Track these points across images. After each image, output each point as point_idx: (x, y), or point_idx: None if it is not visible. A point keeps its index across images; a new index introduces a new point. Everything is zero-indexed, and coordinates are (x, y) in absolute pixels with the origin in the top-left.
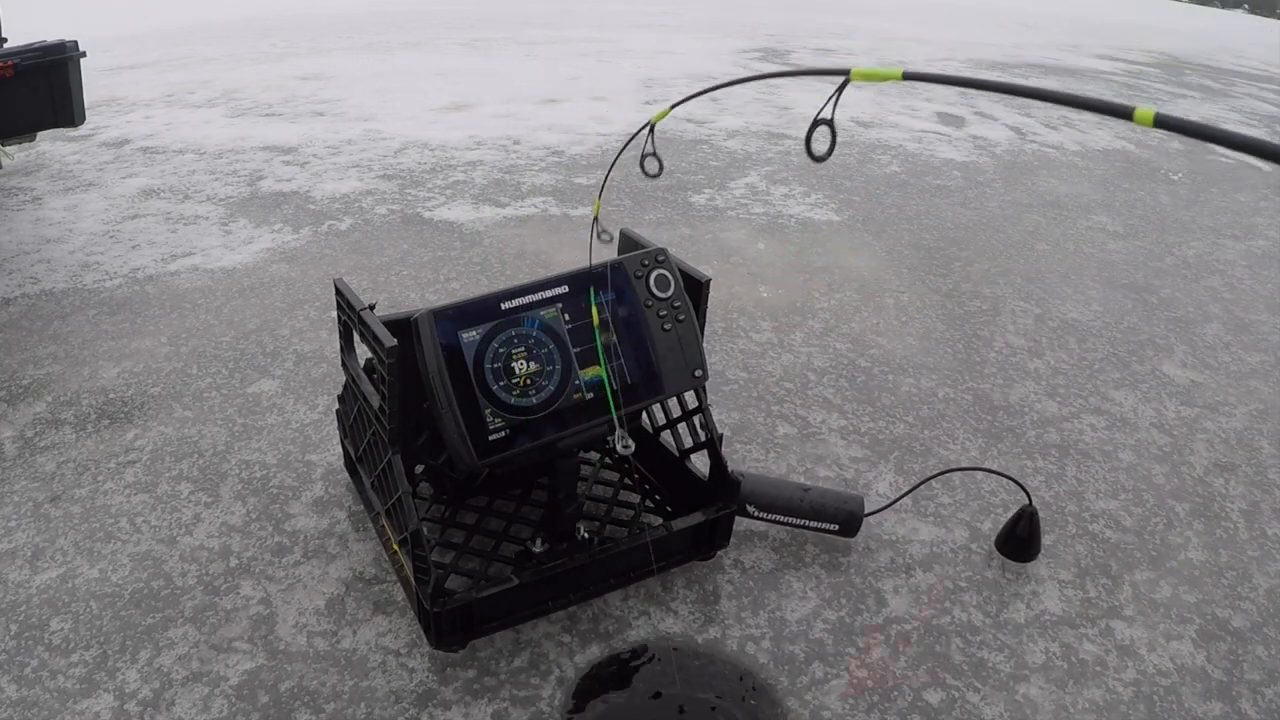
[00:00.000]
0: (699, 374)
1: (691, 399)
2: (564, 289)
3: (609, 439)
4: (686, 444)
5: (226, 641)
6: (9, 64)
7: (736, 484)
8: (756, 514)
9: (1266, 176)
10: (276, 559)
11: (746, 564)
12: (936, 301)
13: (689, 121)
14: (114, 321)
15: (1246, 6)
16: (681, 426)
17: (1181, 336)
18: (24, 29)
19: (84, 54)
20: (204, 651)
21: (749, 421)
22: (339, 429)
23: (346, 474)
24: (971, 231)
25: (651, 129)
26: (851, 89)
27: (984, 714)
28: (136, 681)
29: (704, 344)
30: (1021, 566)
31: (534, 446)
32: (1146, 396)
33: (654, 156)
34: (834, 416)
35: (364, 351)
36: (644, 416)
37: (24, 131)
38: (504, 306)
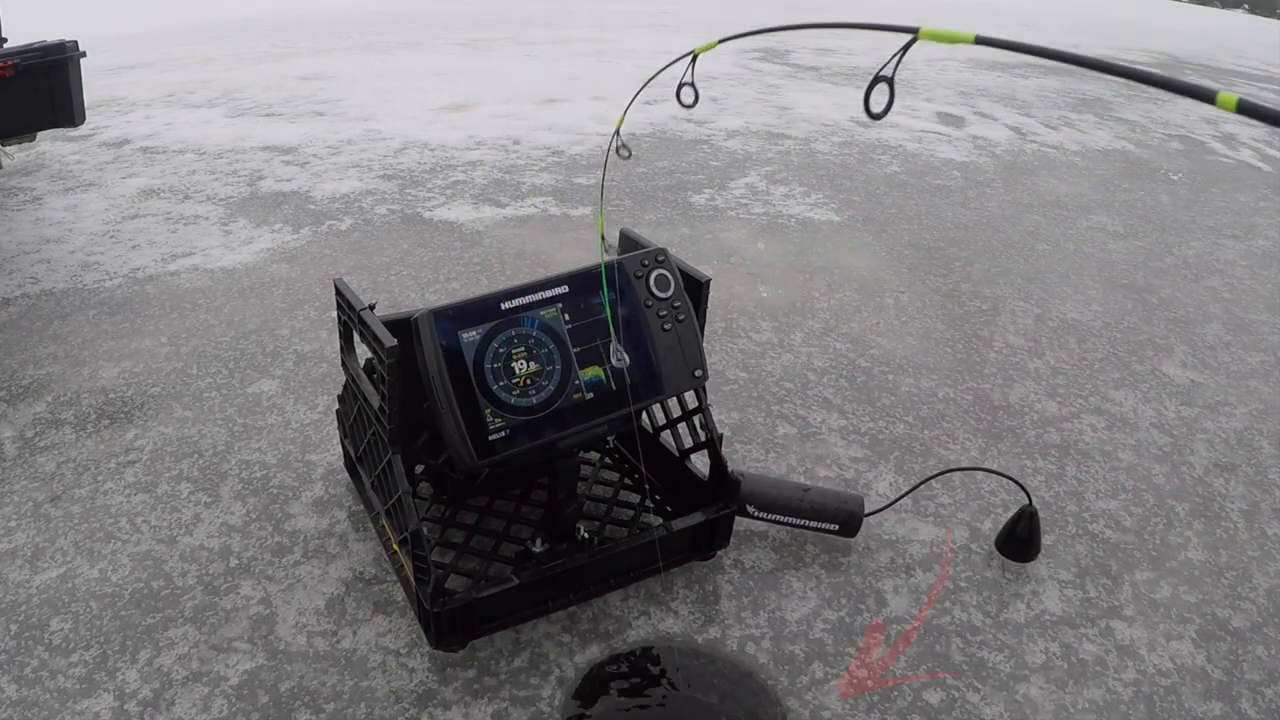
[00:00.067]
0: (699, 374)
1: (691, 399)
2: (564, 289)
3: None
4: (686, 444)
5: (226, 641)
6: (9, 64)
7: (736, 484)
8: (756, 514)
9: (1266, 176)
10: (276, 559)
11: (746, 564)
12: (936, 301)
13: (689, 121)
14: (114, 321)
15: (1246, 6)
16: (681, 426)
17: (1181, 336)
18: (24, 29)
19: (84, 54)
20: (204, 651)
21: (749, 421)
22: (339, 429)
23: (346, 474)
24: (971, 231)
25: (694, 59)
26: (852, 89)
27: (984, 714)
28: (136, 681)
29: (704, 344)
30: (1021, 566)
31: (534, 446)
32: (1146, 396)
33: (692, 86)
34: (834, 416)
35: (364, 351)
36: (644, 416)
37: (24, 131)
38: (504, 306)
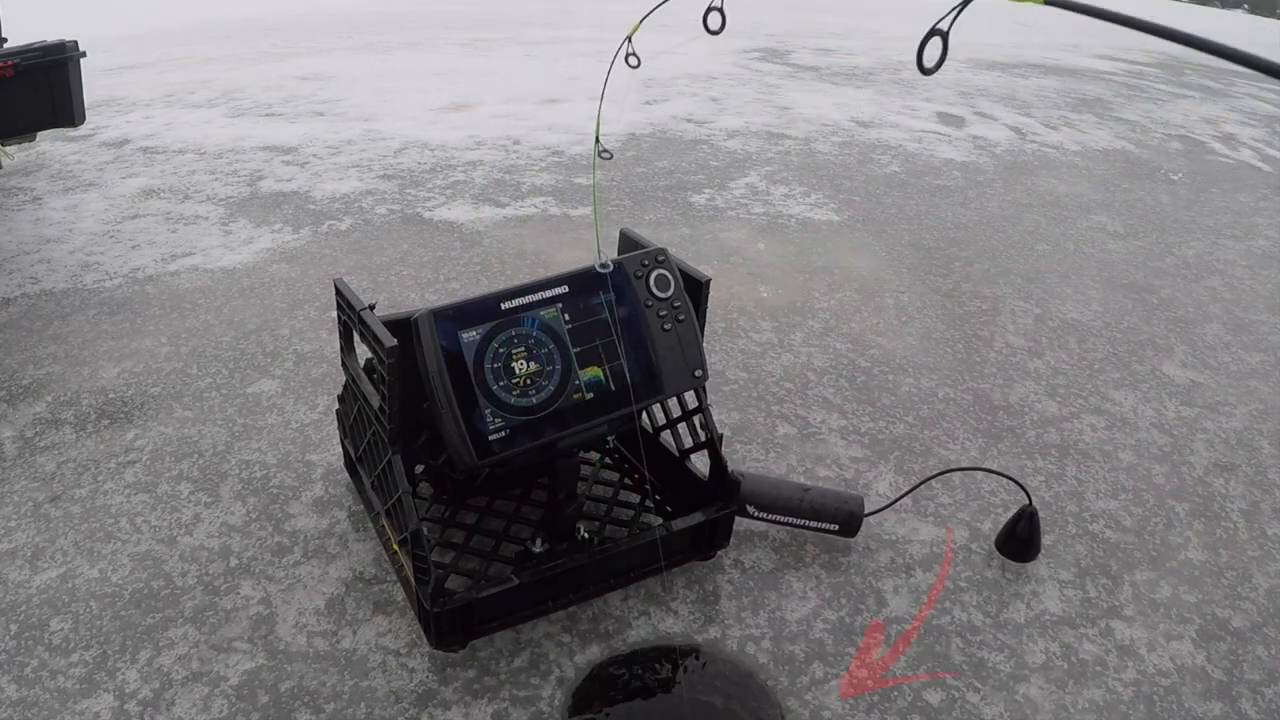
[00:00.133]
0: (699, 374)
1: (691, 399)
2: (564, 289)
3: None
4: (686, 444)
5: (226, 641)
6: (9, 64)
7: (736, 484)
8: (756, 514)
9: (1266, 176)
10: (276, 559)
11: (746, 564)
12: (936, 301)
13: (689, 121)
14: (114, 321)
15: (1246, 6)
16: (681, 426)
17: (1181, 336)
18: (24, 29)
19: (84, 54)
20: (204, 651)
21: (749, 421)
22: (339, 429)
23: (346, 474)
24: (971, 231)
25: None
26: (852, 89)
27: (984, 714)
28: (136, 681)
29: (704, 344)
30: (1021, 566)
31: (534, 446)
32: (1146, 396)
33: (719, 11)
34: (834, 416)
35: (364, 351)
36: (644, 416)
37: (24, 131)
38: (504, 306)
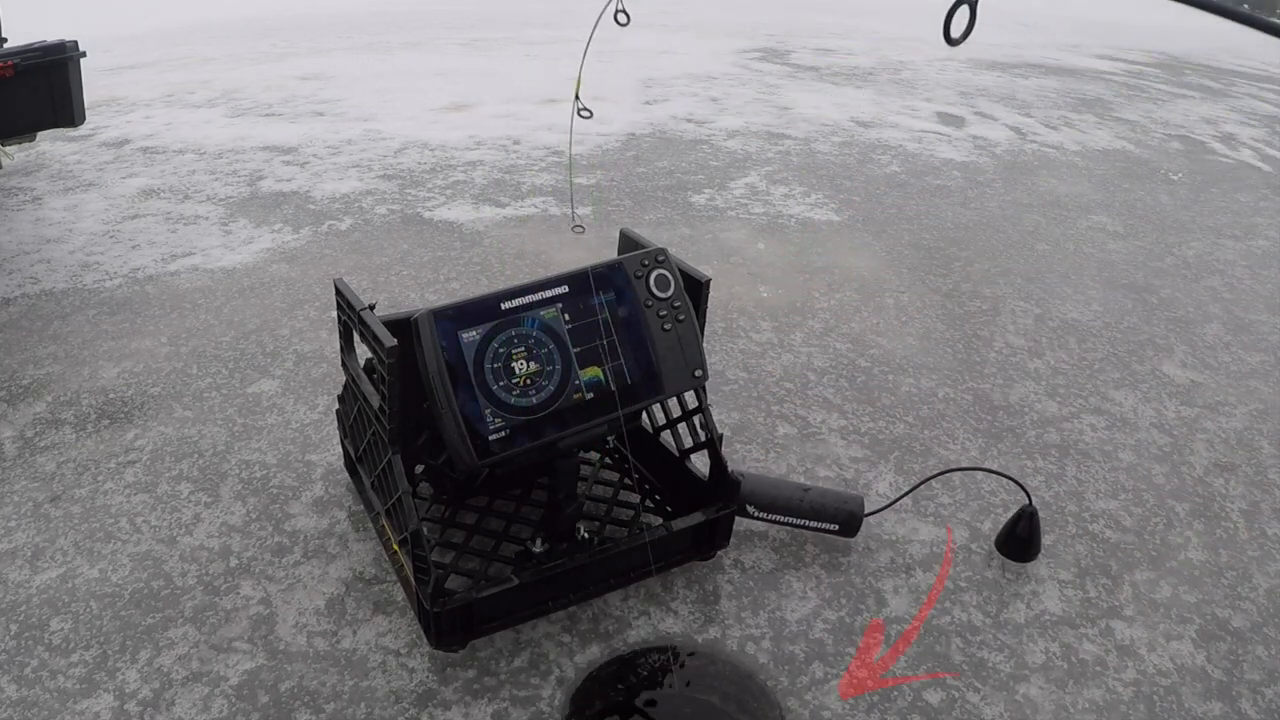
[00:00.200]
0: (699, 374)
1: (691, 399)
2: (564, 289)
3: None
4: (686, 444)
5: (226, 641)
6: (9, 64)
7: (736, 484)
8: (756, 514)
9: (1267, 176)
10: (276, 559)
11: (746, 564)
12: (936, 301)
13: (689, 121)
14: (114, 321)
15: (1246, 7)
16: (681, 426)
17: (1181, 336)
18: (24, 29)
19: (84, 54)
20: (204, 651)
21: (749, 421)
22: (339, 429)
23: (346, 474)
24: (971, 231)
25: None
26: (852, 89)
27: (984, 714)
28: (136, 681)
29: (704, 344)
30: (1021, 566)
31: (534, 446)
32: (1146, 396)
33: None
34: (834, 416)
35: (364, 351)
36: (644, 416)
37: (24, 131)
38: (504, 306)
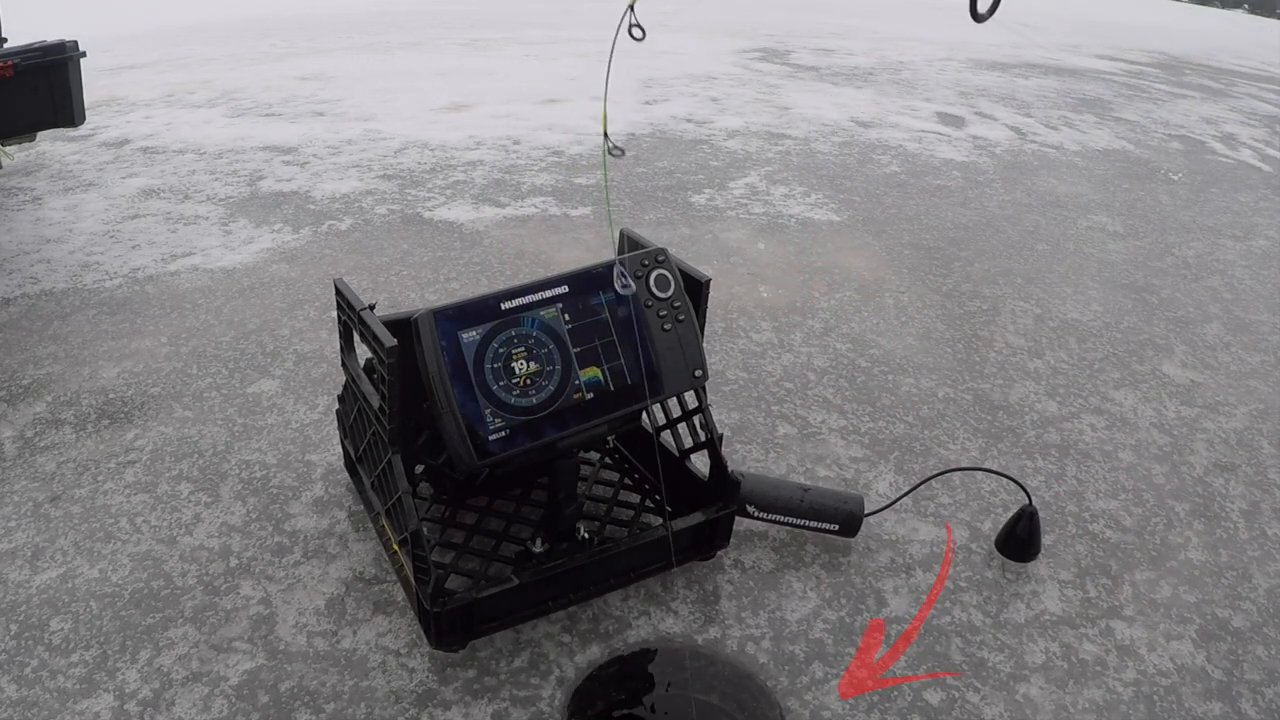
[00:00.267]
0: (699, 374)
1: (691, 399)
2: (564, 289)
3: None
4: (686, 444)
5: (226, 641)
6: (9, 64)
7: (736, 484)
8: (756, 514)
9: (1267, 176)
10: (276, 559)
11: (746, 564)
12: (936, 301)
13: (689, 121)
14: (114, 321)
15: (1246, 6)
16: (681, 426)
17: (1181, 336)
18: (24, 29)
19: (84, 54)
20: (204, 651)
21: (749, 421)
22: (339, 429)
23: (346, 474)
24: (971, 231)
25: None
26: (852, 89)
27: (984, 714)
28: (136, 681)
29: (704, 344)
30: (1021, 566)
31: (534, 446)
32: (1146, 396)
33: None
34: (834, 416)
35: (364, 351)
36: (644, 417)
37: (24, 131)
38: (504, 306)
